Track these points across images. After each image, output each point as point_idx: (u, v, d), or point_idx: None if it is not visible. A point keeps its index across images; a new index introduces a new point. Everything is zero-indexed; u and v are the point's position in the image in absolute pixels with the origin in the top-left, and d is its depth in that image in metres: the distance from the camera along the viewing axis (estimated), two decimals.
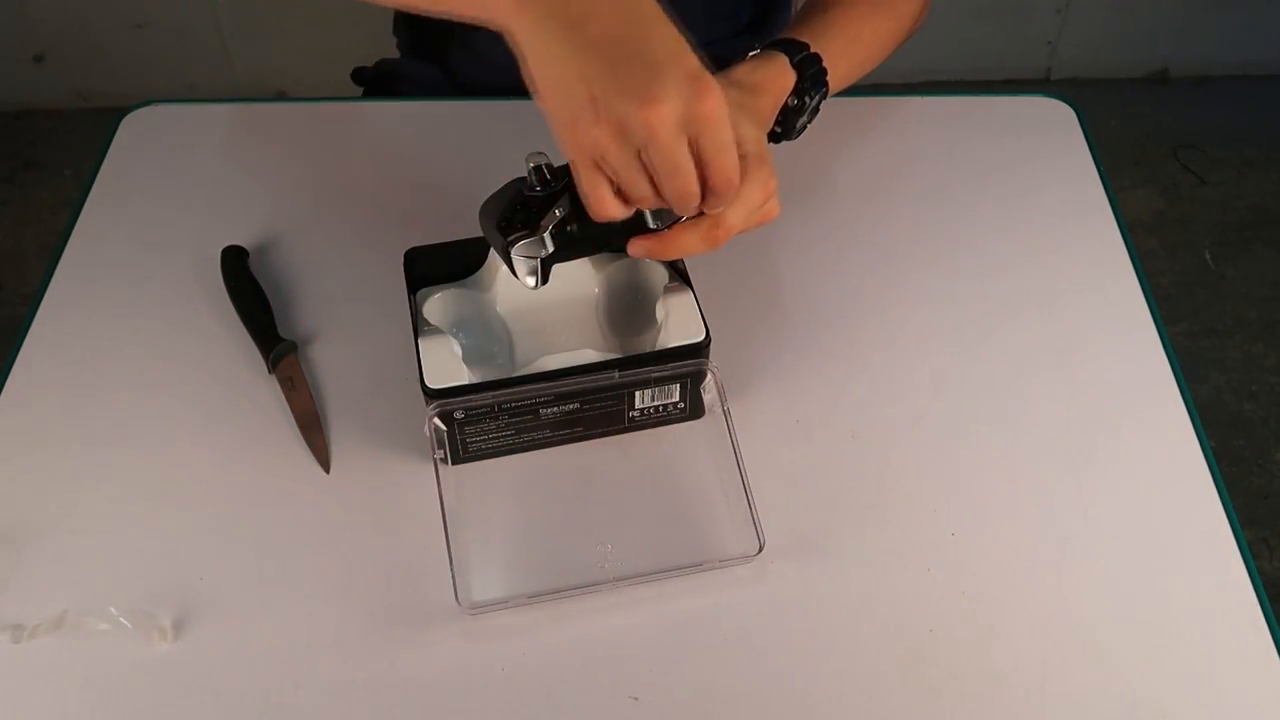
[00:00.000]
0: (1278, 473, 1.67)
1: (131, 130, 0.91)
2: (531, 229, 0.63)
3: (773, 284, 0.80)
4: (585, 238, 0.64)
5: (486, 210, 0.66)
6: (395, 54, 1.10)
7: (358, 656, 0.63)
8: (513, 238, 0.63)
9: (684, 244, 0.62)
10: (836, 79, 0.78)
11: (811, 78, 0.75)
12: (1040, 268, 0.82)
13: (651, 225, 0.64)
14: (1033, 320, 0.78)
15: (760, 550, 0.64)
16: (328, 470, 0.70)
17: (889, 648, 0.63)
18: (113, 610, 0.63)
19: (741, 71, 0.72)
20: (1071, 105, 0.93)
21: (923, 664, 0.62)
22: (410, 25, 1.07)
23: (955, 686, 0.62)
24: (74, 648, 0.63)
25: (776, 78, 0.74)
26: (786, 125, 0.77)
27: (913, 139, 0.90)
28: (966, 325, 0.78)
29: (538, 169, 0.64)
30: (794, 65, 0.74)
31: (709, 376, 0.69)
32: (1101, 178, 0.88)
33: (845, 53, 0.79)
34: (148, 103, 0.93)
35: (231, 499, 0.69)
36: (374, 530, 0.68)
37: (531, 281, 0.64)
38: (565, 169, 0.65)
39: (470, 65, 1.01)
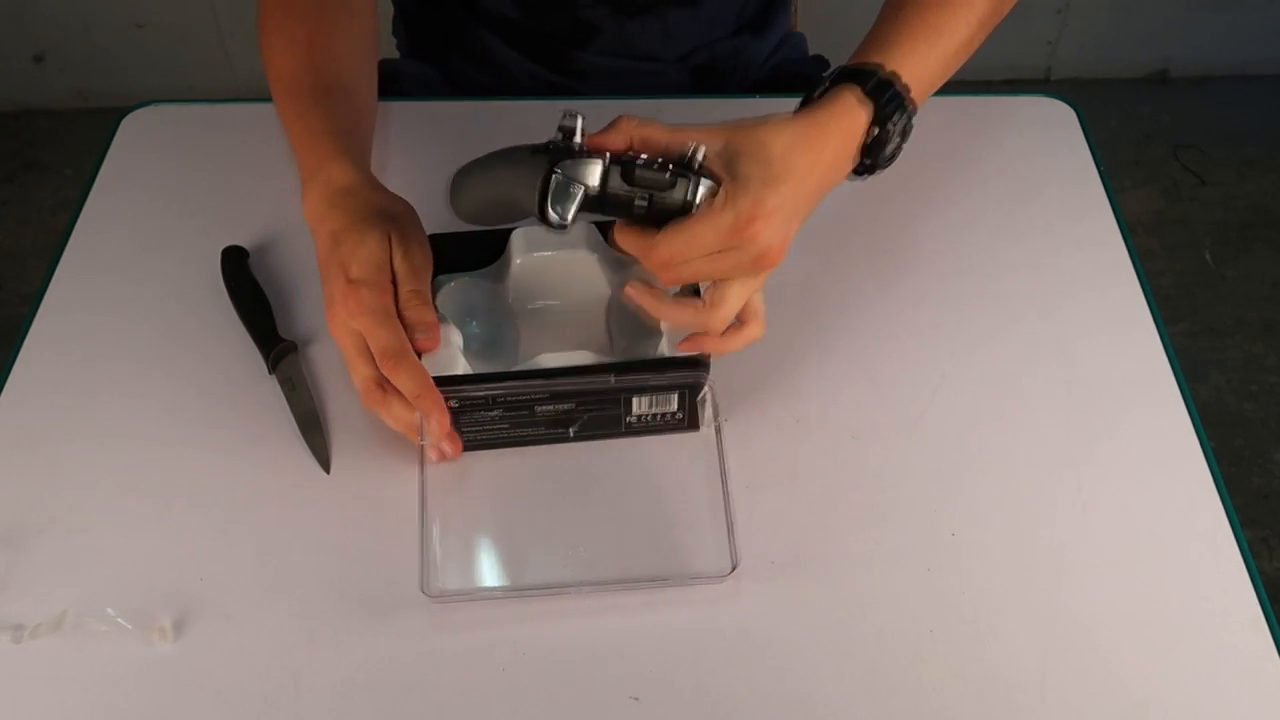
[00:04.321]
0: (1278, 473, 1.66)
1: (131, 130, 0.91)
2: (581, 157, 0.59)
3: (772, 283, 0.80)
4: (615, 201, 0.61)
5: (501, 153, 0.62)
6: (395, 54, 1.10)
7: (357, 656, 0.63)
8: (564, 161, 0.59)
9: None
10: (923, 89, 0.71)
11: (889, 102, 0.68)
12: (1040, 268, 0.82)
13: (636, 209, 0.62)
14: (1032, 320, 0.78)
15: (733, 571, 0.64)
16: (328, 470, 0.70)
17: (889, 648, 0.63)
18: (111, 611, 0.63)
19: (815, 125, 0.66)
20: (1071, 105, 0.93)
21: (923, 664, 0.62)
22: (410, 26, 1.07)
23: (955, 686, 0.62)
24: (74, 648, 0.63)
25: (842, 117, 0.67)
26: (875, 157, 0.69)
27: (913, 139, 0.90)
28: (966, 325, 0.78)
29: (568, 130, 0.60)
30: (867, 94, 0.67)
31: (706, 389, 0.69)
32: (1101, 178, 0.88)
33: (928, 57, 0.71)
34: (148, 103, 0.93)
35: (231, 499, 0.69)
36: (374, 530, 0.68)
37: (570, 212, 0.59)
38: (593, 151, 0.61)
39: (470, 66, 1.02)
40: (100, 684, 0.62)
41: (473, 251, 0.74)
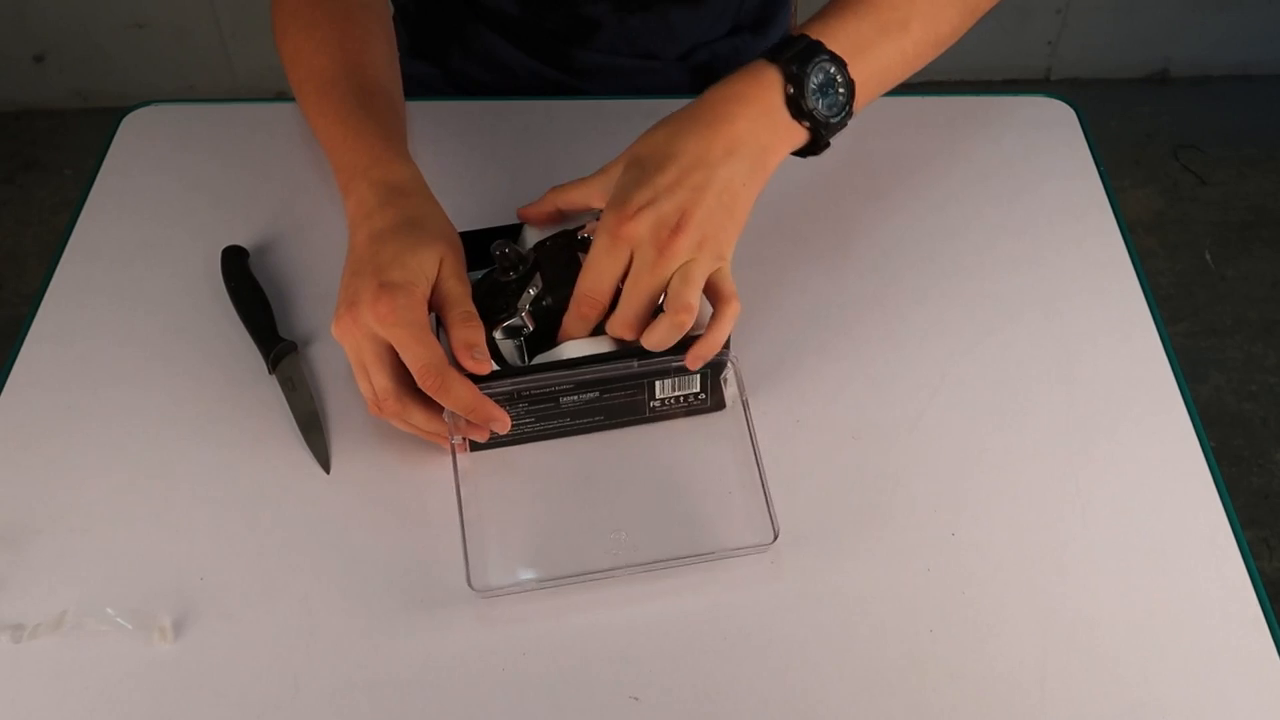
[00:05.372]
0: (1278, 473, 1.67)
1: (131, 130, 0.91)
2: (510, 311, 0.66)
3: (772, 283, 0.80)
4: (560, 307, 0.67)
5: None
6: None
7: (358, 656, 0.63)
8: (495, 329, 0.66)
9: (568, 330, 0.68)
10: (856, 51, 0.70)
11: (797, 56, 0.67)
12: (1040, 267, 0.82)
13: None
14: (1033, 320, 0.78)
15: (775, 539, 0.64)
16: (328, 470, 0.70)
17: (889, 648, 0.63)
18: (111, 611, 0.63)
19: (708, 100, 0.68)
20: (1071, 105, 0.93)
21: (923, 664, 0.62)
22: (410, 26, 1.07)
23: (955, 686, 0.62)
24: (74, 648, 0.63)
25: (743, 82, 0.68)
26: (802, 113, 0.68)
27: (913, 139, 0.90)
28: (966, 325, 0.78)
29: (503, 255, 0.67)
30: (772, 56, 0.68)
31: (729, 368, 0.69)
32: (1102, 178, 0.88)
33: (859, 26, 0.71)
34: (148, 103, 0.93)
35: (231, 499, 0.69)
36: (374, 530, 0.68)
37: (521, 358, 0.67)
38: (531, 251, 0.69)
39: (470, 65, 1.02)
40: (100, 684, 0.62)
41: (482, 248, 0.73)
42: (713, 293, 0.66)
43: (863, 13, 0.72)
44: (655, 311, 0.66)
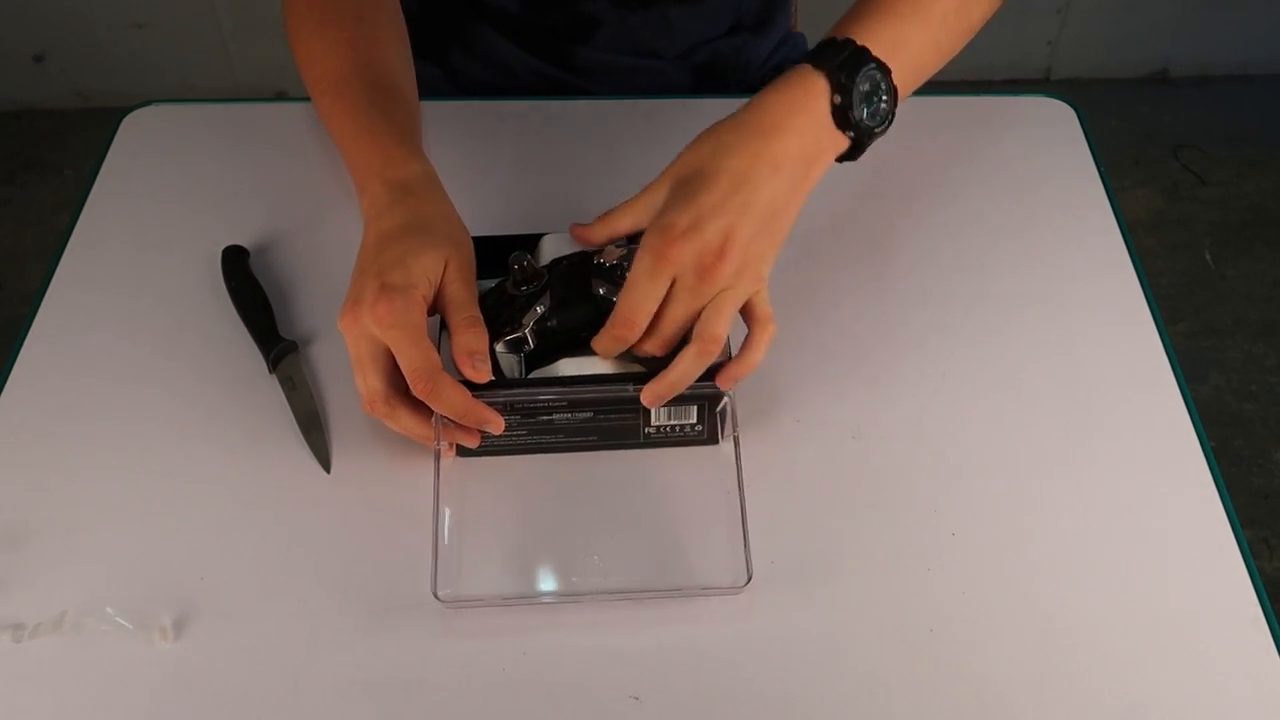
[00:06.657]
0: (1278, 473, 1.67)
1: (131, 130, 0.91)
2: (515, 326, 0.66)
3: (771, 283, 0.80)
4: (564, 329, 0.67)
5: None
6: None
7: (358, 656, 0.63)
8: (498, 342, 0.67)
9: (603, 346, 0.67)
10: (899, 55, 0.69)
11: (845, 63, 0.66)
12: (1040, 267, 0.82)
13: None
14: (1032, 320, 0.78)
15: (748, 582, 0.64)
16: (328, 470, 0.70)
17: (889, 648, 0.63)
18: (111, 610, 0.63)
19: (755, 109, 0.67)
20: (1071, 105, 0.93)
21: (923, 664, 0.62)
22: (410, 25, 1.07)
23: (955, 686, 0.62)
24: (74, 648, 0.63)
25: (790, 92, 0.67)
26: (849, 124, 0.67)
27: (912, 139, 0.90)
28: (966, 325, 0.78)
29: (520, 269, 0.67)
30: (819, 64, 0.67)
31: (725, 401, 0.68)
32: (1102, 178, 0.88)
33: (899, 27, 0.69)
34: (148, 103, 0.93)
35: (231, 499, 0.69)
36: (374, 530, 0.68)
37: (519, 372, 0.68)
38: (546, 268, 0.69)
39: (470, 65, 1.02)
40: (100, 684, 0.62)
41: (495, 256, 0.71)
42: (748, 314, 0.66)
43: (902, 11, 0.71)
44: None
